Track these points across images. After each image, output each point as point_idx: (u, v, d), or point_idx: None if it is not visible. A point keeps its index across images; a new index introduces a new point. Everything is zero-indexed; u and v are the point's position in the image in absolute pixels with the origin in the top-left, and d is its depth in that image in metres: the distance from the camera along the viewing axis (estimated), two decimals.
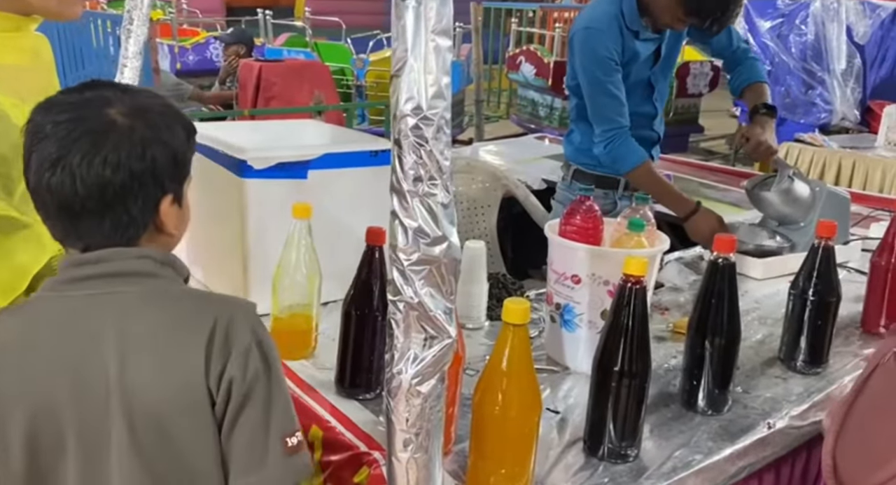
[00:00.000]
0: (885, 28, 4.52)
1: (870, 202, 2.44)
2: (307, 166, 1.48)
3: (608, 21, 1.84)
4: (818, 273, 1.31)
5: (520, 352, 0.90)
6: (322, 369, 1.28)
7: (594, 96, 1.89)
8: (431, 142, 0.77)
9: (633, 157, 1.90)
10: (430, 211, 0.78)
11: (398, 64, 0.76)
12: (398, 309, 0.79)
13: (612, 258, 1.25)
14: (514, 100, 7.08)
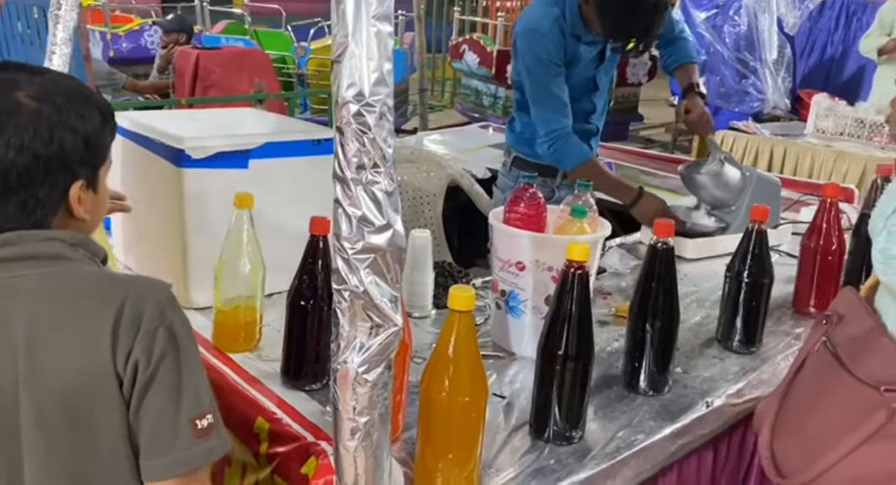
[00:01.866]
0: (813, 19, 4.70)
1: (799, 187, 2.53)
2: (247, 156, 1.45)
3: (550, 23, 1.86)
4: (752, 256, 1.36)
5: (465, 338, 0.91)
6: (268, 360, 1.26)
7: (538, 98, 1.91)
8: (374, 129, 0.76)
9: (576, 156, 1.93)
10: (373, 199, 0.77)
11: (339, 49, 0.75)
12: (343, 298, 0.79)
13: (555, 245, 1.27)
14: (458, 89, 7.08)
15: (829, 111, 3.75)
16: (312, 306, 1.16)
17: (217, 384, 1.20)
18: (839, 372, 1.00)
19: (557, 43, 1.86)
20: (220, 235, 1.27)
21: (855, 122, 3.66)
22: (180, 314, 0.84)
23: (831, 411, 0.99)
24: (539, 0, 1.98)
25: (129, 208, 1.36)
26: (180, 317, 0.83)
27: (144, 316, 0.80)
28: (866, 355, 0.97)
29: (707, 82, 4.94)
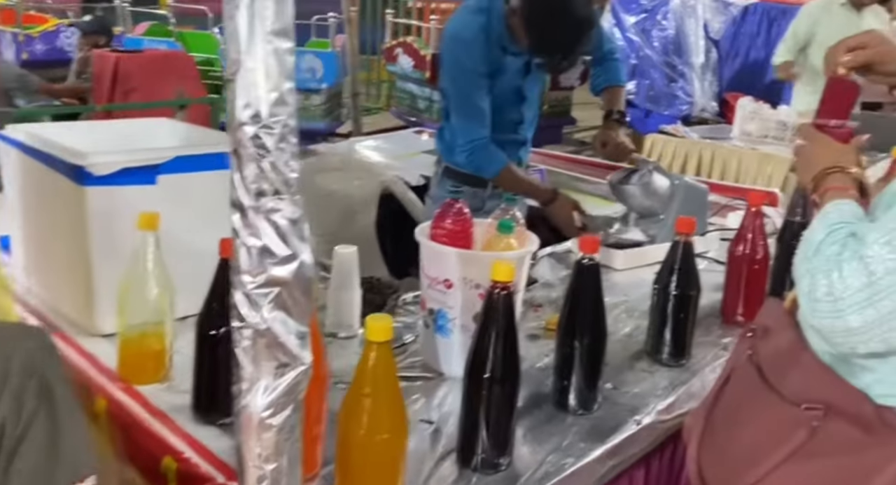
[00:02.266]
0: (737, 24, 4.82)
1: (726, 192, 2.57)
2: (156, 171, 1.37)
3: (476, 31, 1.83)
4: (679, 268, 1.35)
5: (384, 371, 0.86)
6: (178, 392, 1.18)
7: (459, 107, 1.89)
8: (274, 152, 0.71)
9: (493, 164, 1.92)
10: (276, 228, 0.72)
11: (232, 67, 0.69)
12: (244, 336, 0.73)
13: (482, 261, 1.23)
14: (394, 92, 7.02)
15: (754, 114, 3.84)
16: (223, 334, 1.08)
17: (121, 421, 1.12)
18: (762, 388, 0.99)
19: (482, 52, 1.83)
20: (127, 257, 1.18)
21: (778, 125, 3.76)
22: (54, 363, 0.76)
23: (755, 426, 0.98)
24: (467, 7, 1.95)
25: None
26: (55, 366, 0.76)
27: (12, 370, 0.72)
28: (789, 371, 0.97)
29: (637, 86, 5.02)
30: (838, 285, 0.84)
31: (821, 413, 0.91)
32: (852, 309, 0.83)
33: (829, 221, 0.91)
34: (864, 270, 0.83)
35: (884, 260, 0.82)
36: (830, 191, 0.97)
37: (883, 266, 0.82)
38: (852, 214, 0.92)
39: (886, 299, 0.82)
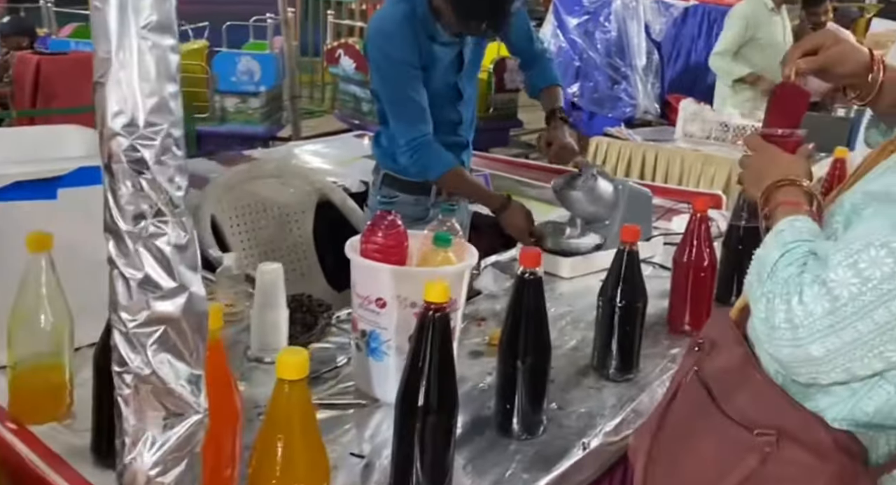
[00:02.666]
0: (677, 26, 4.86)
1: (671, 195, 2.54)
2: (56, 184, 1.24)
3: (400, 22, 1.74)
4: (624, 278, 1.29)
5: (300, 413, 0.76)
6: (80, 432, 1.06)
7: (394, 104, 1.79)
8: (154, 168, 0.61)
9: (440, 164, 1.83)
10: (159, 256, 0.62)
11: (101, 69, 0.59)
12: (125, 383, 0.62)
13: (417, 278, 1.14)
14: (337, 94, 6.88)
15: (696, 116, 3.86)
16: None
17: (10, 467, 0.99)
18: (711, 408, 0.93)
19: (410, 42, 1.74)
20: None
21: (720, 126, 3.78)
22: None
23: (704, 450, 0.92)
24: (389, 4, 1.86)
25: None
26: None
27: None
28: (738, 392, 0.91)
29: (581, 88, 5.02)
30: (798, 312, 0.77)
31: (773, 438, 0.85)
32: (814, 337, 0.77)
33: (783, 240, 0.85)
34: (828, 296, 0.76)
35: (848, 284, 0.76)
36: (782, 206, 0.91)
37: (847, 291, 0.75)
38: (808, 231, 0.86)
39: (850, 327, 0.76)
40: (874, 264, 0.75)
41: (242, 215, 2.37)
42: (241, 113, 5.17)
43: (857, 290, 0.75)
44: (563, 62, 5.07)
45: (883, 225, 0.77)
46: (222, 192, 2.31)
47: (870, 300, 0.75)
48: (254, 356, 1.34)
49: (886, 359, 0.77)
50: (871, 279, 0.75)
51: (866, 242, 0.76)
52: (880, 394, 0.81)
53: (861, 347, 0.76)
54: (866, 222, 0.81)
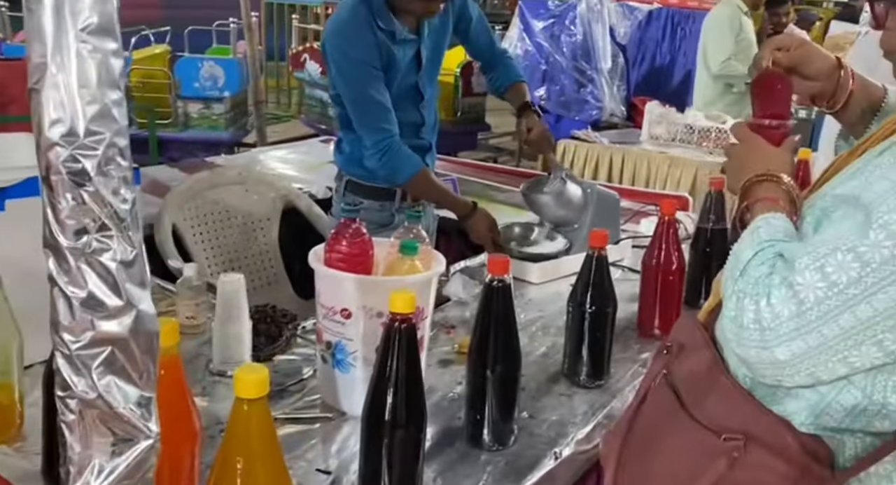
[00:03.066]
0: (642, 29, 4.90)
1: (639, 197, 2.55)
2: (3, 195, 1.19)
3: (359, 23, 1.72)
4: (593, 284, 1.28)
5: (260, 433, 0.73)
6: (30, 455, 1.01)
7: (357, 105, 1.76)
8: (97, 179, 0.57)
9: (408, 167, 1.81)
10: (103, 273, 0.58)
11: (36, 74, 0.55)
12: (69, 409, 0.59)
13: (383, 288, 1.11)
14: (304, 99, 6.82)
15: (661, 118, 3.89)
16: None
17: None
18: (680, 412, 0.92)
19: (369, 43, 1.72)
20: None
21: (685, 128, 3.81)
22: None
23: (673, 455, 0.91)
24: (344, 5, 1.84)
25: None
26: None
27: None
28: (706, 396, 0.90)
29: (548, 91, 5.03)
30: (766, 314, 0.77)
31: (741, 443, 0.84)
32: (780, 340, 0.76)
33: (758, 238, 0.84)
34: (794, 299, 0.76)
35: (814, 288, 0.75)
36: (760, 202, 0.90)
37: (813, 295, 0.75)
38: (783, 230, 0.85)
39: (815, 332, 0.75)
40: (841, 269, 0.74)
41: (205, 224, 2.32)
42: (205, 119, 5.08)
43: (824, 294, 0.75)
44: (529, 66, 5.09)
45: (850, 229, 0.77)
46: (184, 200, 2.25)
47: (836, 305, 0.74)
48: (216, 370, 1.30)
49: (850, 364, 0.77)
50: (837, 284, 0.74)
51: (833, 247, 0.76)
52: (847, 398, 0.80)
53: (826, 352, 0.76)
54: (835, 226, 0.81)
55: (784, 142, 0.96)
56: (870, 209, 0.75)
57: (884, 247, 0.73)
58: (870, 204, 0.76)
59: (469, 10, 1.93)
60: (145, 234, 0.62)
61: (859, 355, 0.76)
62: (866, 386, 0.79)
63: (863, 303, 0.74)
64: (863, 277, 0.73)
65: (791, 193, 0.90)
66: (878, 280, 0.73)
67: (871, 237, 0.73)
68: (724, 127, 3.67)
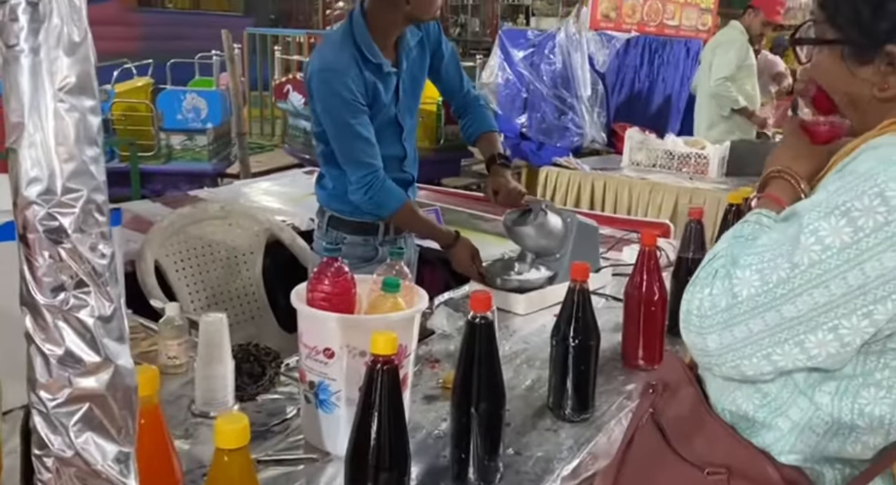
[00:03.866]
0: (620, 57, 4.98)
1: (621, 225, 2.58)
2: None
3: (345, 60, 1.74)
4: (576, 317, 1.28)
5: (241, 483, 0.72)
6: None
7: (343, 141, 1.77)
8: (74, 236, 0.57)
9: (393, 200, 1.83)
10: (81, 329, 0.58)
11: (13, 134, 0.56)
12: (45, 467, 0.58)
13: (366, 326, 1.11)
14: (287, 129, 6.84)
15: (642, 145, 3.94)
16: None
17: None
18: (666, 451, 0.93)
19: (357, 79, 1.74)
20: None
21: (665, 154, 3.86)
22: None
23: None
24: (329, 41, 1.86)
25: None
26: None
27: None
28: (692, 436, 0.91)
29: (529, 119, 5.08)
30: (707, 302, 0.82)
31: (724, 477, 0.85)
32: (713, 329, 0.81)
33: (738, 232, 0.89)
34: (730, 292, 0.81)
35: (749, 285, 0.80)
36: (765, 197, 0.94)
37: (746, 291, 0.80)
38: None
39: (742, 325, 0.80)
40: (774, 269, 0.79)
41: (188, 259, 2.31)
42: (187, 151, 5.08)
43: (756, 291, 0.79)
44: (510, 94, 5.14)
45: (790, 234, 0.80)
46: (166, 236, 2.25)
47: (764, 302, 0.79)
48: (198, 411, 1.29)
49: (774, 362, 0.80)
50: (768, 282, 0.79)
51: (774, 248, 0.80)
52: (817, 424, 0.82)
53: (751, 346, 0.80)
54: (781, 229, 0.83)
55: (831, 141, 0.96)
56: (801, 216, 0.79)
57: (812, 251, 0.77)
58: (802, 211, 0.80)
59: (443, 46, 1.95)
60: (127, 270, 0.62)
61: (782, 354, 0.79)
62: (833, 410, 0.81)
63: (787, 303, 0.78)
64: (791, 277, 0.77)
65: (800, 196, 0.93)
66: (804, 282, 0.77)
67: (802, 241, 0.77)
68: (703, 152, 3.72)
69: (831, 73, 0.90)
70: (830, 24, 0.88)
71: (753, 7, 4.02)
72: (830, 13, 0.88)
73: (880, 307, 0.75)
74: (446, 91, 2.04)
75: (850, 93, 0.89)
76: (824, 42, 0.89)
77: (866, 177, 0.76)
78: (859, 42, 0.86)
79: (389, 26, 1.79)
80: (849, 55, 0.87)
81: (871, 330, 0.76)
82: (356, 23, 1.78)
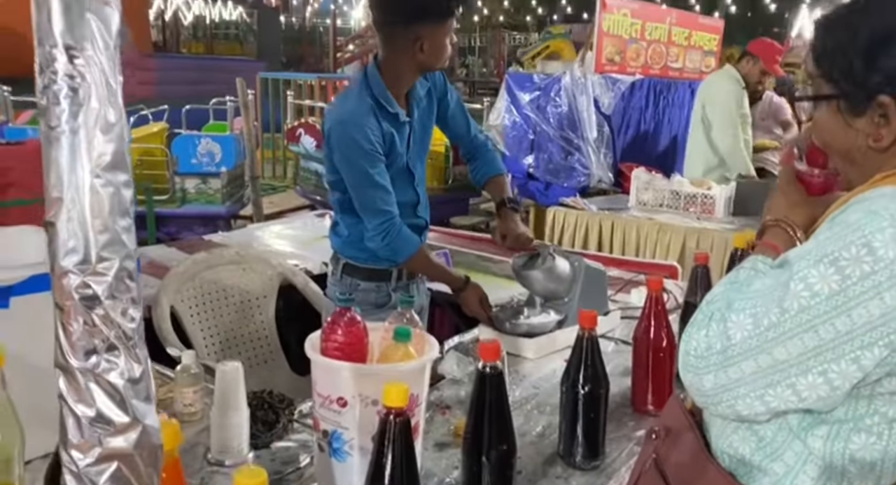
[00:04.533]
0: (625, 99, 5.07)
1: (629, 266, 2.60)
2: (9, 293, 1.22)
3: (364, 111, 1.80)
4: (585, 365, 1.30)
5: None
6: None
7: (362, 189, 1.82)
8: (107, 302, 0.61)
9: (409, 246, 1.88)
10: (111, 391, 0.61)
11: (52, 208, 0.60)
12: None
13: (378, 376, 1.14)
14: (299, 171, 6.96)
15: (648, 185, 3.98)
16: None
17: None
18: None
19: (375, 129, 1.80)
20: None
21: (671, 194, 3.90)
22: None
23: None
24: (347, 94, 1.93)
25: None
26: None
27: None
28: (693, 481, 0.94)
29: (536, 159, 5.15)
30: (703, 343, 0.86)
31: None
32: (709, 370, 0.85)
33: (734, 277, 0.93)
34: (724, 334, 0.84)
35: (742, 328, 0.83)
36: (763, 245, 0.98)
37: (740, 334, 0.83)
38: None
39: (735, 366, 0.83)
40: (765, 314, 0.82)
41: (203, 304, 2.35)
42: (202, 194, 5.18)
43: (748, 334, 0.82)
44: (517, 135, 5.23)
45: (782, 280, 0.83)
46: (181, 282, 2.29)
47: (756, 345, 0.82)
48: (214, 459, 1.31)
49: (767, 403, 0.83)
50: (759, 326, 0.82)
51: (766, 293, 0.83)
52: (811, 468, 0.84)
53: (744, 387, 0.83)
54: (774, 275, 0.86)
55: (826, 192, 1.01)
56: (792, 263, 0.83)
57: (801, 297, 0.80)
58: (793, 259, 0.84)
59: (449, 95, 2.02)
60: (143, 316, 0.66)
61: (775, 395, 0.82)
62: (825, 454, 0.83)
63: (778, 346, 0.81)
64: (781, 322, 0.81)
65: (796, 244, 0.96)
66: (794, 326, 0.80)
67: (792, 287, 0.81)
68: (709, 193, 3.76)
69: (829, 127, 0.94)
70: (826, 80, 0.92)
71: (752, 54, 3.93)
72: (826, 69, 0.92)
73: (868, 353, 0.77)
74: (454, 137, 2.11)
75: (846, 145, 0.93)
76: (822, 97, 0.93)
77: (854, 228, 0.79)
78: (854, 94, 0.89)
79: (403, 77, 1.86)
80: (844, 108, 0.91)
81: (860, 375, 0.79)
82: (371, 75, 1.85)
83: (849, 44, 0.88)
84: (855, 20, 0.89)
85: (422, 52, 1.80)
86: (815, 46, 0.93)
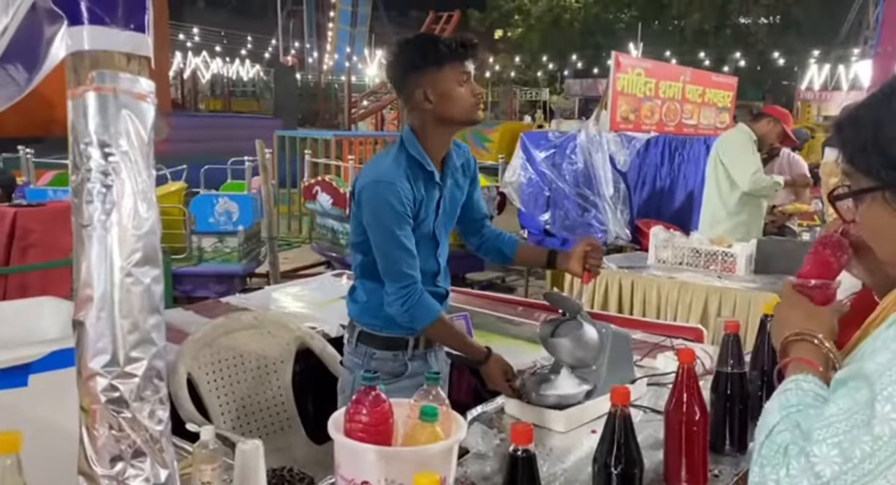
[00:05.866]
0: (641, 156, 5.09)
1: (654, 329, 2.55)
2: (27, 370, 1.20)
3: (399, 175, 1.79)
4: (618, 444, 1.25)
5: None
6: None
7: (388, 250, 1.80)
8: (135, 405, 0.58)
9: (430, 313, 1.84)
10: None
11: (82, 308, 0.58)
12: None
13: (406, 460, 1.10)
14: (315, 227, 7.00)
15: (667, 243, 3.94)
16: None
17: None
18: None
19: (408, 192, 1.79)
20: None
21: (691, 252, 3.86)
22: None
23: None
24: (381, 157, 1.93)
25: None
26: None
27: None
28: None
29: (552, 216, 5.15)
30: (786, 483, 0.79)
31: None
32: None
33: (785, 402, 0.87)
34: (811, 471, 0.77)
35: (831, 462, 0.77)
36: (794, 363, 0.93)
37: (830, 469, 0.77)
38: (813, 394, 0.87)
39: None
40: (854, 443, 0.76)
41: (220, 370, 2.31)
42: (218, 252, 5.20)
43: (840, 468, 0.76)
44: (533, 192, 5.25)
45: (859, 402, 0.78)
46: (198, 348, 2.26)
47: (852, 480, 0.76)
48: None
49: None
50: (851, 458, 0.76)
51: (846, 420, 0.77)
52: None
53: None
54: (845, 397, 0.81)
55: (831, 302, 0.99)
56: (872, 381, 0.77)
57: (892, 419, 0.74)
58: (871, 375, 0.78)
59: (476, 179, 2.04)
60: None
61: None
62: None
63: (879, 478, 0.75)
64: (875, 451, 0.75)
65: (828, 355, 0.92)
66: (890, 453, 0.74)
67: (878, 410, 0.75)
68: (730, 250, 3.72)
69: (880, 221, 0.90)
70: (865, 174, 0.90)
71: (773, 117, 3.94)
72: (863, 166, 0.90)
73: None
74: (469, 220, 2.08)
75: None
76: (864, 191, 0.91)
77: None
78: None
79: (431, 135, 1.85)
80: (891, 198, 0.88)
81: None
82: (407, 137, 1.86)
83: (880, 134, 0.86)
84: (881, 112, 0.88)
85: (430, 103, 1.80)
86: (846, 146, 0.91)
